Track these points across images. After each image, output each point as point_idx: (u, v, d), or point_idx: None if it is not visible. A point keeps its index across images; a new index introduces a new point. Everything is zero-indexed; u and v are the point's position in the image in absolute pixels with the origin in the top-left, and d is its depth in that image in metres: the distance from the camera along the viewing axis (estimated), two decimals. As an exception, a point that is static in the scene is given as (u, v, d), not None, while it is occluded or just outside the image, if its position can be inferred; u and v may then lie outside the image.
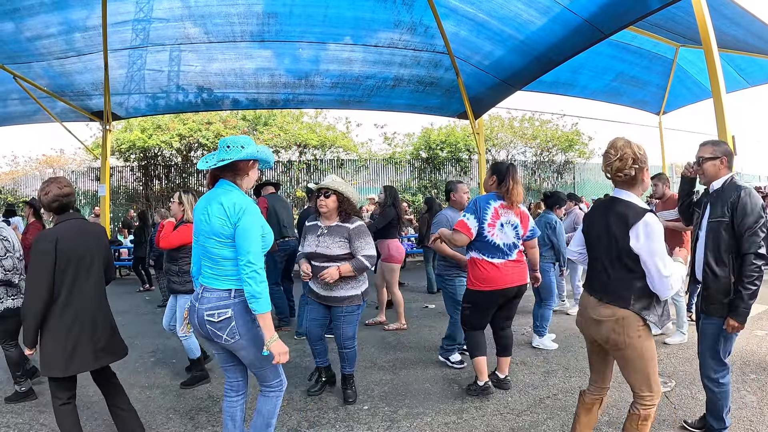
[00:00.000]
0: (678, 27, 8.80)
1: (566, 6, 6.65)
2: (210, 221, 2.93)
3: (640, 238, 2.79)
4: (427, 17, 8.14)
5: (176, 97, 10.48)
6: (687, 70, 11.66)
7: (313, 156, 19.58)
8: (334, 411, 4.48)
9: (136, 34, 8.15)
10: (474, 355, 4.74)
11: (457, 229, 4.49)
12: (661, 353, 5.82)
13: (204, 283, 3.06)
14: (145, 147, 17.69)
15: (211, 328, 2.97)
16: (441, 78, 10.13)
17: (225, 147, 2.99)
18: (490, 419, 4.24)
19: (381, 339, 6.82)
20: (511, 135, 21.52)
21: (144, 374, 5.58)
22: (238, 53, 9.07)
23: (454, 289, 5.54)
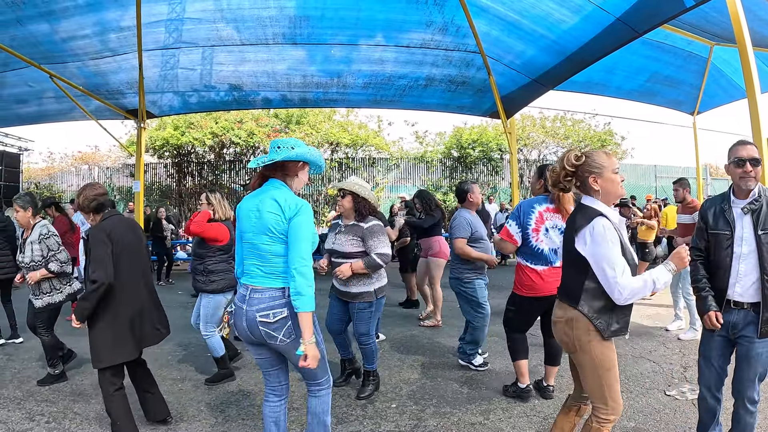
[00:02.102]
0: (712, 27, 8.66)
1: (598, 5, 6.59)
2: (262, 217, 2.92)
3: (586, 242, 2.74)
4: (458, 17, 8.14)
5: (208, 96, 10.62)
6: (722, 69, 11.42)
7: (345, 154, 19.69)
8: (362, 408, 4.53)
9: (169, 34, 8.27)
10: (515, 358, 4.72)
11: (502, 237, 4.53)
12: (690, 359, 5.76)
13: (252, 283, 2.99)
14: (178, 144, 17.99)
15: (265, 330, 2.92)
16: (473, 77, 10.11)
17: (276, 147, 3.00)
18: (516, 421, 4.25)
19: (411, 338, 6.86)
20: (543, 135, 21.38)
21: (176, 367, 5.71)
22: (270, 54, 9.16)
23: (475, 292, 5.45)
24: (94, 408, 4.52)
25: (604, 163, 2.84)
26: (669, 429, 4.08)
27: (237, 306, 3.03)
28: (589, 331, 2.79)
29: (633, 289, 2.65)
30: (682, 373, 5.37)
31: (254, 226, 2.97)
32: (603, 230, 2.70)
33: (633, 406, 4.45)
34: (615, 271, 2.65)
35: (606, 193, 2.84)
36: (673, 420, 4.23)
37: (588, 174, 2.85)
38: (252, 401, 4.69)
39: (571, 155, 2.89)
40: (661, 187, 23.03)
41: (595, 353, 2.80)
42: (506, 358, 5.79)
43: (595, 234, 2.71)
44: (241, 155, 18.85)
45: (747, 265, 3.18)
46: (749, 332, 3.18)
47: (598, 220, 2.72)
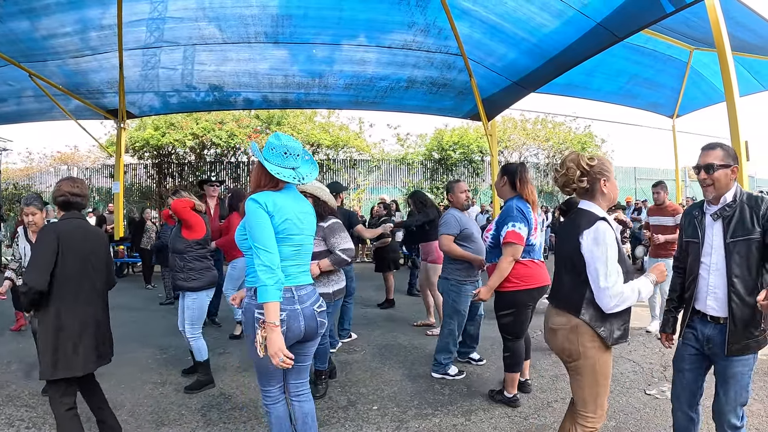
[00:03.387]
0: (692, 31, 8.77)
1: (579, 9, 6.65)
2: (311, 221, 3.16)
3: (587, 241, 2.75)
4: (440, 19, 8.17)
5: (189, 96, 10.57)
6: (701, 72, 11.57)
7: (326, 156, 19.64)
8: (344, 410, 4.52)
9: (150, 32, 8.21)
10: (514, 370, 4.61)
11: (515, 242, 4.31)
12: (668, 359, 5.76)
13: (293, 284, 3.00)
14: (158, 145, 17.86)
15: (320, 319, 3.11)
16: (454, 80, 10.16)
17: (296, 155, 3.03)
18: (498, 421, 4.26)
19: (393, 339, 6.86)
20: (524, 137, 21.51)
21: (156, 371, 5.64)
22: (252, 53, 9.13)
23: (458, 298, 5.30)
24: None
25: (610, 168, 2.92)
26: (650, 427, 4.13)
27: (289, 310, 2.92)
28: (594, 338, 2.82)
29: (622, 296, 2.69)
30: (662, 373, 5.44)
31: (307, 228, 3.09)
32: (604, 234, 2.72)
33: (614, 406, 4.48)
34: (608, 278, 2.68)
35: (609, 197, 2.91)
36: (653, 419, 4.29)
37: (600, 177, 2.89)
38: (234, 404, 4.65)
39: (584, 157, 2.89)
40: (641, 189, 23.27)
41: (598, 361, 2.84)
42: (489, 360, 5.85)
43: (598, 236, 2.73)
44: (221, 156, 18.74)
45: (717, 277, 2.96)
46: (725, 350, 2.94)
47: (601, 224, 2.75)
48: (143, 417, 4.37)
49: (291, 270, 2.99)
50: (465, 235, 5.31)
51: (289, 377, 3.23)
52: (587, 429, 2.88)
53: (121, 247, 11.94)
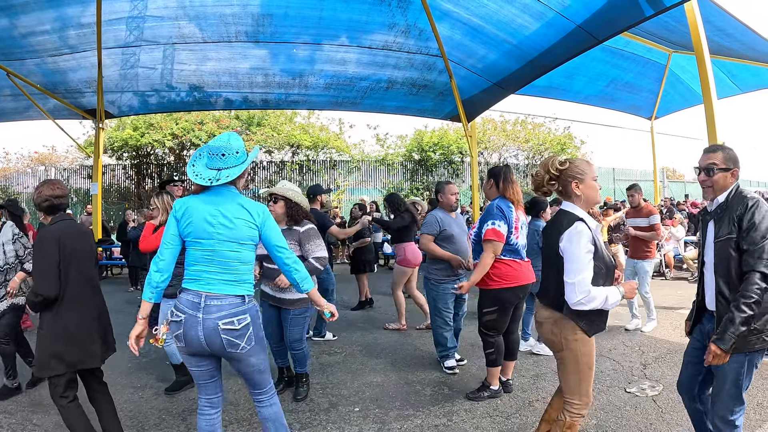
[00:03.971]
0: (671, 35, 8.88)
1: (560, 12, 6.68)
2: (233, 224, 2.90)
3: (564, 240, 2.90)
4: (421, 20, 8.18)
5: (169, 96, 10.48)
6: (680, 76, 11.73)
7: (306, 157, 19.61)
8: (326, 413, 4.49)
9: (130, 31, 8.13)
10: (496, 364, 4.71)
11: (494, 240, 4.42)
12: (648, 357, 5.89)
13: (206, 290, 2.87)
14: (137, 145, 17.72)
15: (227, 338, 2.85)
16: (434, 81, 10.18)
17: (220, 155, 2.93)
18: (479, 421, 4.27)
19: (373, 340, 6.84)
20: (504, 138, 21.63)
21: (136, 375, 5.56)
22: (233, 53, 9.07)
23: (437, 296, 5.41)
24: (53, 419, 4.38)
25: (585, 170, 3.01)
26: (630, 425, 4.15)
27: (188, 314, 2.86)
28: (575, 331, 2.96)
29: (589, 294, 2.80)
30: (641, 371, 5.47)
31: (219, 233, 2.88)
32: (580, 234, 2.86)
33: (594, 404, 4.51)
34: (574, 274, 2.82)
35: (586, 198, 3.01)
36: (633, 416, 4.31)
37: (571, 179, 3.01)
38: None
39: (555, 161, 3.03)
40: (619, 189, 23.53)
41: (580, 351, 2.98)
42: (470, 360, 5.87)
43: (572, 235, 2.88)
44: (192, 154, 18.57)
45: (710, 275, 3.05)
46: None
47: (578, 224, 2.89)
48: (123, 422, 4.28)
49: (204, 275, 2.90)
50: (444, 236, 5.36)
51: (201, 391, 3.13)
52: (573, 414, 3.04)
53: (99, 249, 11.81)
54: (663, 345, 6.35)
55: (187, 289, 2.93)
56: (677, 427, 4.05)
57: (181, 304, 2.91)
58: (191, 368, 3.05)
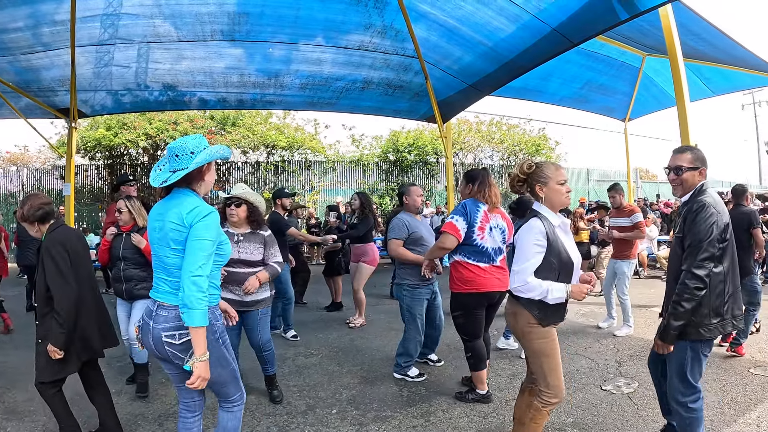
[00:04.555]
0: (645, 38, 8.98)
1: (535, 15, 6.72)
2: (164, 228, 2.74)
3: (518, 233, 3.20)
4: (398, 21, 8.17)
5: (143, 95, 10.31)
6: (653, 78, 11.87)
7: (281, 157, 19.50)
8: (303, 415, 4.47)
9: (104, 29, 7.99)
10: (478, 369, 4.68)
11: (446, 231, 4.47)
12: (623, 355, 5.96)
13: (159, 298, 2.82)
14: (110, 145, 17.44)
15: (171, 350, 2.76)
16: (410, 82, 10.18)
17: (174, 156, 2.79)
18: (457, 421, 4.29)
19: (349, 342, 6.84)
20: (479, 139, 21.71)
21: (111, 380, 5.37)
22: (208, 52, 8.97)
23: (412, 302, 5.25)
24: (27, 426, 4.31)
25: (550, 174, 3.18)
26: (606, 423, 4.20)
27: (144, 321, 2.85)
28: (530, 322, 3.15)
29: (527, 284, 3.05)
30: (617, 368, 5.55)
31: (158, 237, 2.81)
32: (530, 228, 3.11)
33: (571, 402, 4.56)
34: (517, 263, 3.11)
35: (549, 200, 3.18)
36: (610, 414, 4.37)
37: (535, 182, 3.23)
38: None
39: (524, 164, 3.24)
40: (594, 189, 23.74)
41: (535, 342, 3.18)
42: (446, 360, 5.88)
43: (524, 228, 3.14)
44: (162, 157, 18.35)
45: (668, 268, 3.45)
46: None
47: (533, 220, 3.14)
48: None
49: (158, 282, 2.88)
50: (414, 239, 5.29)
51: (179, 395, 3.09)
52: (543, 402, 3.19)
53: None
54: (638, 343, 6.43)
55: (150, 295, 2.93)
56: (653, 423, 4.11)
57: (144, 311, 2.93)
58: (166, 371, 3.05)
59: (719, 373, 5.31)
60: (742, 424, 4.14)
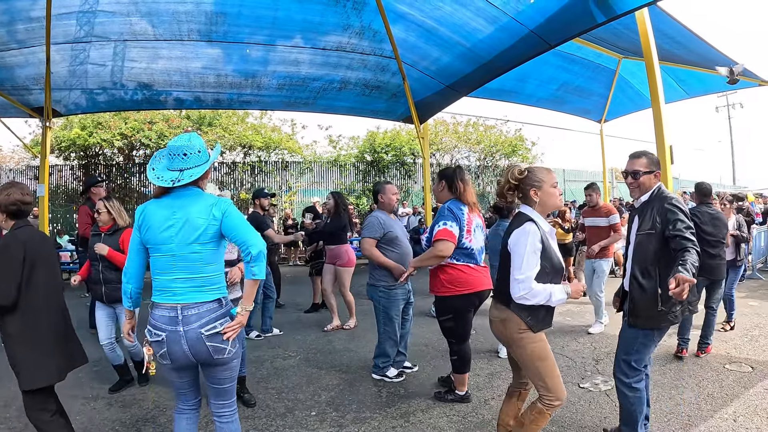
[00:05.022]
0: (621, 41, 9.08)
1: (513, 16, 6.76)
2: (188, 225, 2.78)
3: (512, 238, 3.09)
4: (376, 22, 8.18)
5: (118, 94, 10.18)
6: (629, 80, 12.01)
7: (258, 158, 19.38)
8: (282, 418, 4.46)
9: (80, 26, 7.87)
10: (463, 371, 4.67)
11: (445, 239, 4.36)
12: (600, 353, 6.03)
13: (179, 301, 2.79)
14: (85, 145, 17.17)
15: (213, 344, 2.79)
16: (387, 82, 10.18)
17: (181, 155, 2.84)
18: (436, 421, 4.30)
19: (327, 343, 6.82)
20: (456, 140, 21.78)
21: (88, 385, 5.39)
22: (185, 51, 8.89)
23: (388, 303, 5.22)
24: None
25: (544, 178, 3.18)
26: (585, 420, 4.27)
27: (169, 331, 2.76)
28: (521, 328, 3.09)
29: (532, 291, 2.97)
30: (594, 366, 5.62)
31: (181, 236, 2.78)
32: (527, 233, 3.02)
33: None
34: (519, 270, 2.99)
35: (543, 204, 3.18)
36: (588, 411, 4.44)
37: (529, 187, 3.18)
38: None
39: (515, 170, 3.21)
40: (570, 190, 23.96)
41: (528, 348, 3.12)
42: (424, 361, 5.90)
43: (520, 234, 3.05)
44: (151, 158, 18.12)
45: (631, 261, 3.55)
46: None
47: (528, 224, 3.06)
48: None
49: (175, 285, 2.80)
50: (389, 238, 5.24)
51: (210, 398, 3.07)
52: (546, 404, 3.14)
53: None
54: (614, 340, 6.39)
55: (159, 303, 2.84)
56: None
57: (157, 322, 2.81)
58: (173, 381, 3.00)
59: (695, 369, 5.41)
60: (718, 419, 4.22)
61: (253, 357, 6.08)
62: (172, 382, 3.00)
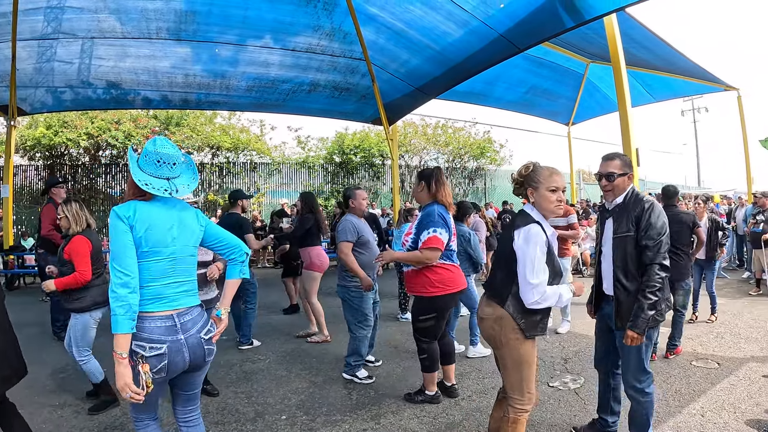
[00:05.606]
0: (589, 46, 9.22)
1: (483, 20, 6.82)
2: (190, 229, 2.76)
3: (519, 239, 3.01)
4: (346, 24, 8.19)
5: (85, 93, 10.04)
6: (596, 84, 12.21)
7: (226, 159, 19.20)
8: (252, 422, 4.42)
9: (47, 22, 7.71)
10: (432, 370, 4.67)
11: (435, 247, 4.34)
12: (569, 352, 6.11)
13: (173, 307, 2.65)
14: (50, 145, 16.81)
15: (208, 347, 2.77)
16: (357, 84, 10.21)
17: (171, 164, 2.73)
18: (407, 423, 4.31)
19: (297, 346, 6.78)
20: (425, 141, 21.88)
21: (55, 393, 5.24)
22: (153, 50, 8.79)
23: (361, 302, 5.29)
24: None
25: (542, 179, 3.11)
26: (555, 418, 4.33)
27: (170, 341, 2.59)
28: (515, 329, 3.06)
29: (544, 294, 2.96)
30: (563, 365, 5.70)
31: (181, 239, 2.70)
32: (535, 236, 2.98)
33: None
34: (534, 275, 2.94)
35: (538, 206, 3.12)
36: (558, 409, 4.51)
37: (528, 185, 3.17)
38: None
39: (522, 166, 3.20)
40: (538, 192, 24.16)
41: (519, 350, 3.10)
42: (393, 362, 5.91)
43: (529, 236, 2.98)
44: (118, 158, 17.85)
45: (608, 264, 3.56)
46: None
47: (534, 226, 3.01)
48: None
49: (169, 291, 2.65)
50: (361, 242, 5.31)
51: (177, 404, 2.94)
52: (517, 410, 3.14)
53: (11, 257, 11.16)
54: (582, 340, 6.59)
55: (150, 313, 2.60)
56: (600, 417, 4.21)
57: (153, 334, 2.56)
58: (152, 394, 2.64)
59: (663, 366, 5.53)
60: (687, 414, 4.32)
61: (222, 361, 6.02)
62: (150, 395, 2.63)
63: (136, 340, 2.51)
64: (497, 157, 23.24)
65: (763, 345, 6.31)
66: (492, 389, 4.97)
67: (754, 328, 7.06)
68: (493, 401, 4.48)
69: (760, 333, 6.83)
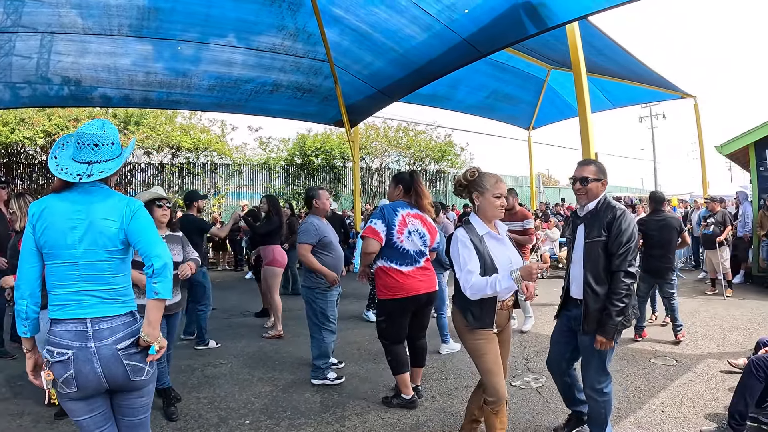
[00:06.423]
0: (551, 52, 9.37)
1: (447, 25, 6.88)
2: (97, 228, 2.37)
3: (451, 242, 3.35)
4: (311, 25, 8.17)
5: (43, 89, 9.76)
6: (557, 90, 12.43)
7: (186, 159, 18.93)
8: (215, 428, 4.36)
9: (7, 15, 7.46)
10: (398, 372, 4.66)
11: (367, 236, 4.48)
12: (530, 351, 6.21)
13: (89, 315, 2.36)
14: (6, 143, 16.31)
15: (131, 363, 2.40)
16: (320, 85, 10.20)
17: (92, 145, 2.44)
18: (372, 425, 4.33)
19: (258, 349, 6.72)
20: (386, 144, 22.02)
21: (13, 400, 5.05)
22: (114, 46, 8.60)
23: (325, 305, 5.26)
24: None
25: (488, 186, 3.33)
26: (518, 416, 4.40)
27: (77, 348, 2.33)
28: (462, 321, 3.34)
29: (475, 285, 3.13)
30: (524, 365, 5.80)
31: (87, 240, 2.37)
32: (457, 237, 3.29)
33: (482, 399, 4.70)
34: (458, 271, 3.24)
35: (482, 210, 3.35)
36: (521, 408, 4.59)
37: (473, 190, 3.39)
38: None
39: (468, 172, 3.39)
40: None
41: (470, 342, 3.35)
42: (357, 364, 5.91)
43: (453, 240, 3.32)
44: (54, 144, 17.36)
45: (578, 268, 3.61)
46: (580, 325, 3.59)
47: (458, 230, 3.34)
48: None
49: (79, 298, 2.37)
50: (323, 243, 5.27)
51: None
52: (488, 402, 3.35)
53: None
54: (543, 340, 6.69)
55: (61, 319, 2.38)
56: (562, 414, 4.28)
57: (60, 338, 2.35)
58: (81, 418, 2.43)
59: (622, 364, 5.68)
60: (647, 410, 4.44)
61: (183, 365, 5.93)
62: (81, 421, 2.43)
63: (47, 345, 2.37)
64: (458, 161, 23.47)
65: (719, 342, 6.52)
66: (455, 390, 5.04)
67: (710, 326, 7.28)
68: (456, 402, 4.70)
69: (716, 330, 7.05)
